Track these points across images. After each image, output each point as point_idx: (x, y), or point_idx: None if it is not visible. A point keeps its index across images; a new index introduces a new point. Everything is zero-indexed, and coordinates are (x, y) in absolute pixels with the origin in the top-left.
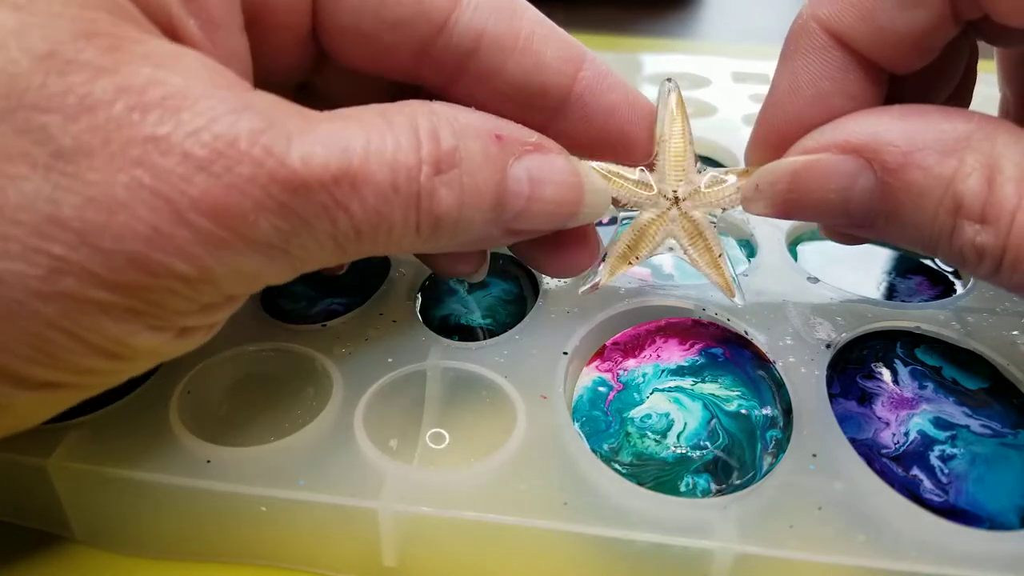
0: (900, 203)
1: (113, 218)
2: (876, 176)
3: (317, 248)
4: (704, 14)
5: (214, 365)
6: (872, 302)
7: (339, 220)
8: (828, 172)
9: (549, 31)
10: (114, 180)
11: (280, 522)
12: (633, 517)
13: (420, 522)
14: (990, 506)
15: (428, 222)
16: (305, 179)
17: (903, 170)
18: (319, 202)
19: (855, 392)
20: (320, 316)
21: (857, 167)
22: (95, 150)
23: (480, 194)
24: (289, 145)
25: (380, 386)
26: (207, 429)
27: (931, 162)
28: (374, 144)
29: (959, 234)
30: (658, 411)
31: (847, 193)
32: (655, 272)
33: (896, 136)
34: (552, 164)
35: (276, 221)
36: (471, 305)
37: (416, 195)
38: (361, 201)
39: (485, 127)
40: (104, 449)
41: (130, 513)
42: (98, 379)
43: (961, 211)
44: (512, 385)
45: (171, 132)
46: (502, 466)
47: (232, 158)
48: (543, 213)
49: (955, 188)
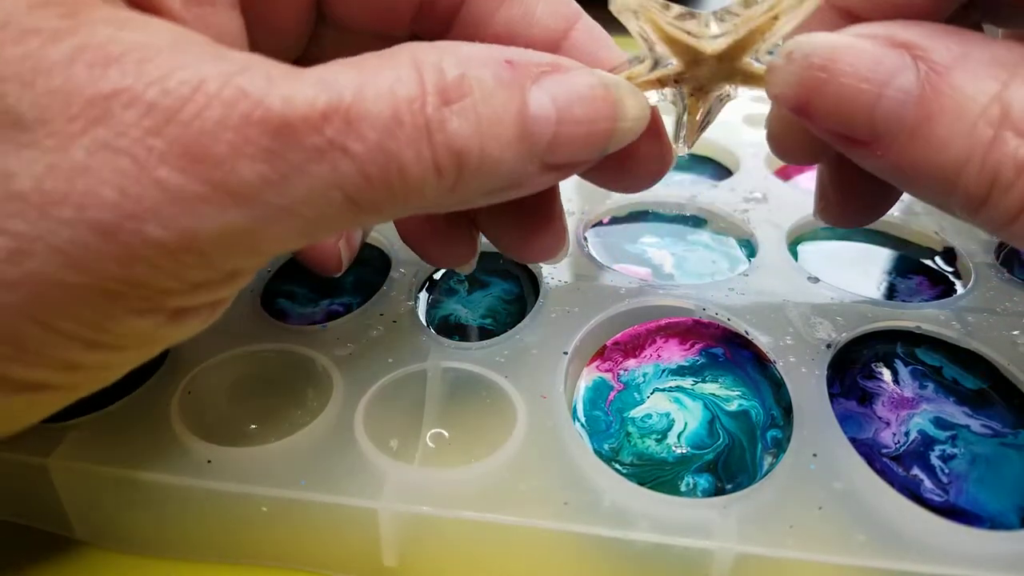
0: (939, 108)
1: (73, 184)
2: (918, 77)
3: (324, 201)
4: None
5: (215, 365)
6: (872, 302)
7: (339, 163)
8: (870, 57)
9: None
10: (73, 143)
11: (281, 522)
12: (633, 517)
13: (420, 522)
14: (990, 506)
15: (448, 158)
16: (288, 119)
17: (950, 72)
18: (310, 144)
19: (855, 392)
20: (320, 316)
21: (901, 63)
22: (53, 114)
23: (501, 122)
24: (268, 86)
25: (380, 386)
26: (208, 429)
27: (981, 72)
28: (369, 79)
29: (1000, 145)
30: (659, 411)
31: (883, 89)
32: (655, 272)
33: (950, 42)
34: (574, 80)
35: (260, 168)
36: (471, 305)
37: (424, 127)
38: (361, 138)
39: (492, 55)
40: (105, 449)
41: (131, 513)
42: (87, 374)
43: (1007, 121)
44: (512, 385)
45: (133, 84)
46: (502, 466)
47: (200, 103)
48: (578, 136)
49: (1004, 97)
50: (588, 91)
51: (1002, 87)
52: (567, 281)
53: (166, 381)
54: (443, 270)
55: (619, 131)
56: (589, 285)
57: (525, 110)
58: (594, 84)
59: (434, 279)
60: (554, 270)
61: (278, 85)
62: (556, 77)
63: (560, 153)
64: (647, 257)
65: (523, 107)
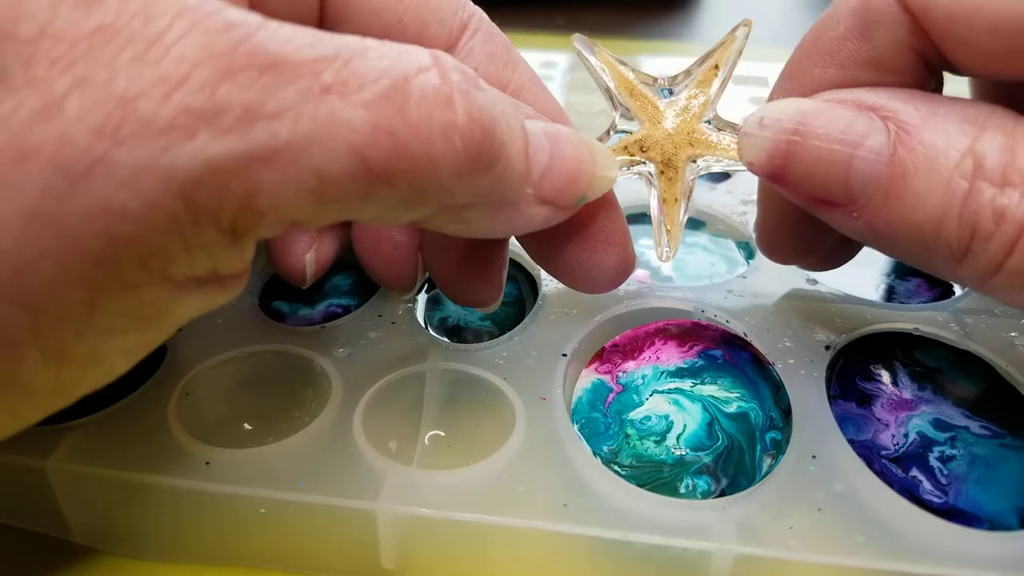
0: (912, 166)
1: (41, 128)
2: (889, 137)
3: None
4: (704, 16)
5: (213, 367)
6: (871, 304)
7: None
8: (841, 120)
9: (538, 87)
10: (53, 82)
11: (279, 524)
12: (632, 519)
13: (419, 524)
14: (990, 507)
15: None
16: (277, 58)
17: (919, 130)
18: (303, 86)
19: (854, 393)
20: (319, 318)
21: (872, 124)
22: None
23: (512, 129)
24: (260, 24)
25: (379, 388)
26: (206, 431)
27: (951, 127)
28: (372, 45)
29: (975, 196)
30: (657, 413)
31: (854, 149)
32: (654, 274)
33: (918, 102)
34: (559, 127)
35: (245, 96)
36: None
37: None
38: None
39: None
40: (103, 451)
41: (129, 515)
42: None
43: (980, 172)
44: (511, 387)
45: (114, 20)
46: (501, 468)
47: (181, 29)
48: (566, 172)
49: (976, 150)
50: (571, 136)
51: (973, 140)
52: None
53: (164, 383)
54: None
55: (596, 179)
56: None
57: (525, 135)
58: (574, 133)
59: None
60: None
61: (270, 27)
62: (543, 120)
63: (550, 185)
64: (645, 259)
65: (524, 130)
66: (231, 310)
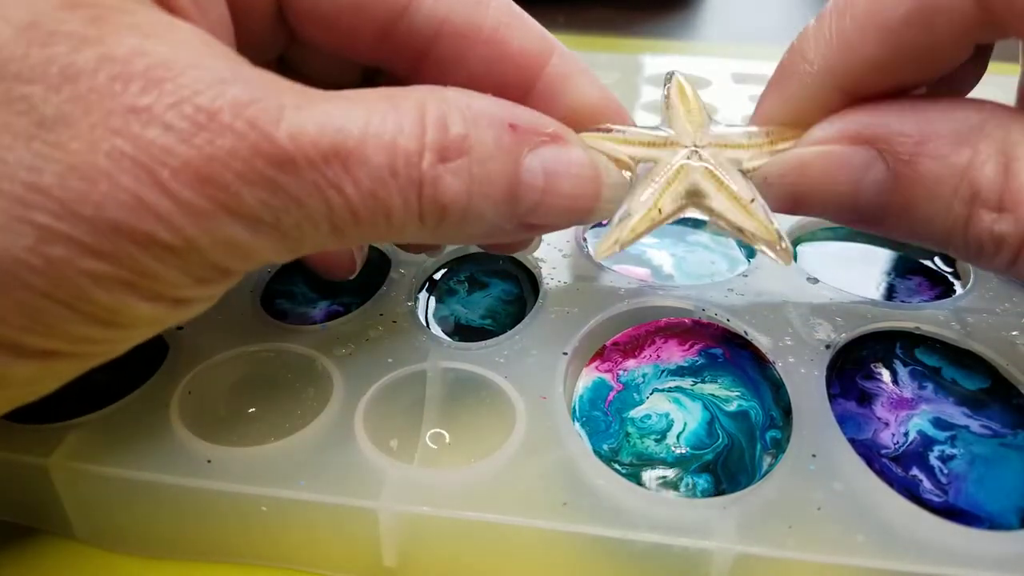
0: (913, 194)
1: (94, 187)
2: (888, 167)
3: (312, 229)
4: (704, 15)
5: (215, 365)
6: (872, 302)
7: (333, 200)
8: (838, 163)
9: (517, 21)
10: (96, 149)
11: (280, 522)
12: (633, 517)
13: (420, 522)
14: (990, 506)
15: (433, 210)
16: (292, 155)
17: (916, 160)
18: (310, 180)
19: (855, 392)
20: (320, 317)
21: (868, 158)
22: (77, 119)
23: (492, 184)
24: (279, 119)
25: (380, 386)
26: (208, 429)
27: (945, 151)
28: (373, 126)
29: (976, 223)
30: (658, 411)
31: (858, 185)
32: (655, 272)
33: (908, 126)
34: (569, 156)
35: (263, 195)
36: (471, 305)
37: (417, 182)
38: (355, 183)
39: (499, 115)
40: (105, 449)
41: (131, 513)
42: (97, 347)
43: (978, 200)
44: (512, 385)
45: (152, 103)
46: (502, 466)
47: (213, 130)
48: (559, 207)
49: (971, 176)
50: (578, 169)
51: (967, 164)
52: (566, 282)
53: (166, 381)
54: (443, 271)
55: (596, 210)
56: (588, 286)
57: (517, 176)
58: (584, 164)
59: (434, 279)
60: (553, 271)
61: (287, 119)
62: (552, 149)
63: (538, 218)
64: (646, 258)
65: (515, 173)
66: (233, 309)
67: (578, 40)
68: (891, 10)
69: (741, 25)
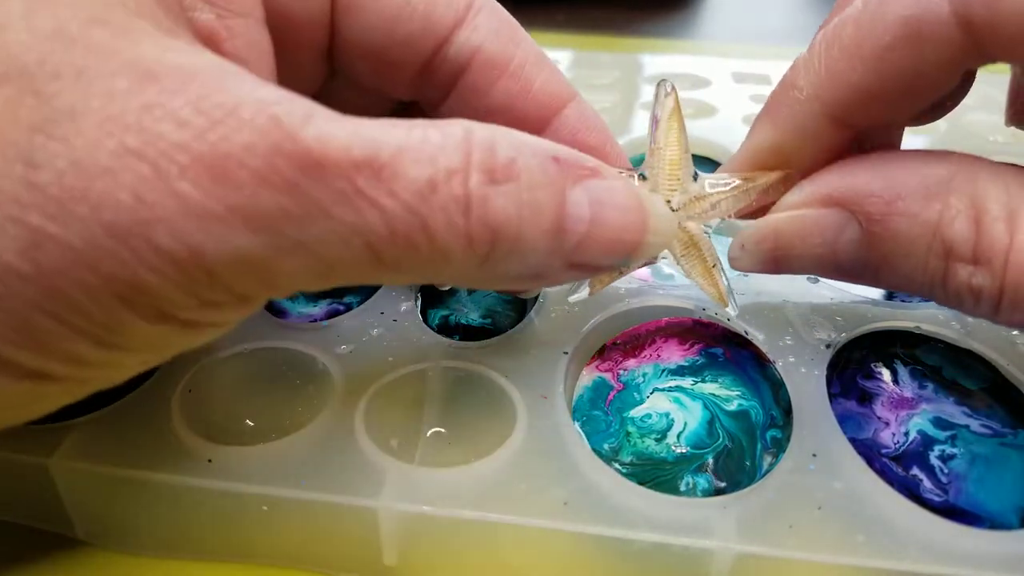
0: (889, 252)
1: (92, 183)
2: (861, 228)
3: (343, 245)
4: (704, 14)
5: (215, 364)
6: (872, 302)
7: (366, 212)
8: (812, 227)
9: (543, 63)
10: (101, 144)
11: (281, 521)
12: (633, 517)
13: (421, 521)
14: (990, 506)
15: (483, 233)
16: (319, 158)
17: (887, 220)
18: (338, 188)
19: (855, 392)
20: (321, 315)
21: (841, 220)
22: (86, 115)
23: (541, 212)
24: (306, 123)
25: (381, 385)
26: (208, 428)
27: (915, 209)
28: (412, 141)
29: (953, 277)
30: (658, 411)
31: (834, 246)
32: (655, 272)
33: (877, 185)
34: (612, 189)
35: (283, 200)
36: (471, 305)
37: (464, 200)
38: (392, 195)
39: (543, 147)
40: (106, 448)
41: (132, 512)
42: (95, 370)
43: (952, 255)
44: (512, 385)
45: (168, 101)
46: (502, 466)
47: (231, 125)
48: (606, 241)
49: (942, 232)
50: (623, 201)
51: (938, 220)
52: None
53: (166, 380)
54: None
55: (645, 245)
56: None
57: (563, 208)
58: (630, 195)
59: None
60: None
61: (316, 123)
62: (596, 182)
63: (585, 254)
64: None
65: (562, 204)
66: None
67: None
68: (877, 38)
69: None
